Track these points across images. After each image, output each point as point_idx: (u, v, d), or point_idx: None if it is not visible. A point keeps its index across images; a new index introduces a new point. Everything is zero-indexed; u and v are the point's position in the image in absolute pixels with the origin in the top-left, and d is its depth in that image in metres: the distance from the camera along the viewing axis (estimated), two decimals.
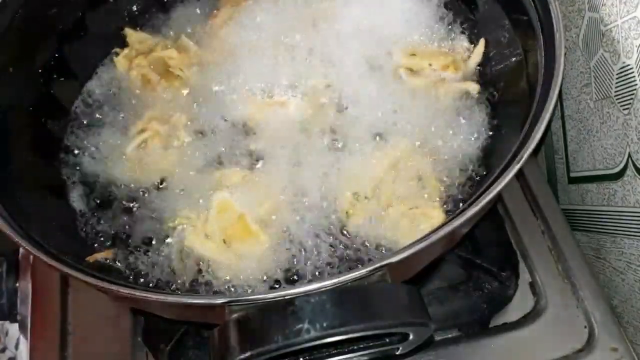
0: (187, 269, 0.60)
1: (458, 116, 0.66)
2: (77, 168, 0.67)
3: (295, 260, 0.60)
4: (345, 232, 0.61)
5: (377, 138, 0.65)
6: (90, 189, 0.66)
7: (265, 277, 0.59)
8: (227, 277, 0.59)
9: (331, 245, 0.60)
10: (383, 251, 0.60)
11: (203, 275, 0.59)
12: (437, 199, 0.62)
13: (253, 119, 0.68)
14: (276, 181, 0.63)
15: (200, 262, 0.59)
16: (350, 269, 0.59)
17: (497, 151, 0.63)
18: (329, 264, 0.60)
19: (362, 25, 0.72)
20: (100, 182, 0.66)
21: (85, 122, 0.70)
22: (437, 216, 0.60)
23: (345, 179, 0.63)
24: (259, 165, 0.65)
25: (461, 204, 0.61)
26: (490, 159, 0.64)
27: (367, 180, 0.62)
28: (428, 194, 0.62)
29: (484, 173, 0.63)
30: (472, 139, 0.65)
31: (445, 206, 0.62)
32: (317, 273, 0.59)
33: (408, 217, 0.60)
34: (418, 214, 0.60)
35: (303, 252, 0.60)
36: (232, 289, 0.58)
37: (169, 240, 0.61)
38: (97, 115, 0.70)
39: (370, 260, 0.60)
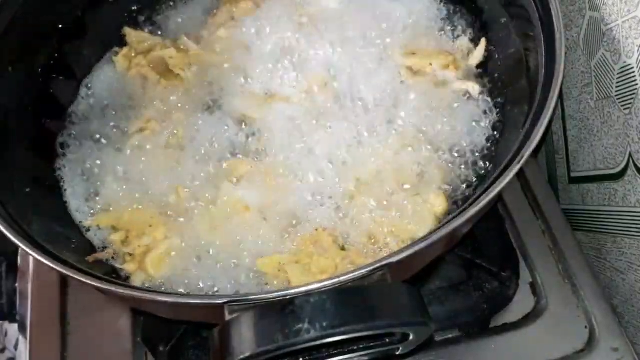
0: None
1: (458, 116, 0.66)
2: (77, 168, 0.67)
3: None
4: (348, 219, 0.61)
5: (379, 132, 0.65)
6: (89, 189, 0.66)
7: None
8: (237, 270, 0.59)
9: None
10: (386, 237, 0.60)
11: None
12: (440, 188, 0.62)
13: (254, 116, 0.68)
14: (279, 173, 0.63)
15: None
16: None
17: (498, 151, 0.63)
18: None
19: (362, 24, 0.72)
20: (100, 182, 0.66)
21: (84, 121, 0.70)
22: (440, 204, 0.60)
23: (349, 167, 0.63)
24: (261, 159, 0.65)
25: (462, 203, 0.61)
26: (490, 158, 0.64)
27: (370, 167, 0.63)
28: (431, 182, 0.62)
29: (485, 173, 0.63)
30: (473, 138, 0.65)
31: (448, 198, 0.62)
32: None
33: (411, 203, 0.60)
34: (421, 201, 0.60)
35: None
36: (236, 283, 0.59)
37: None
38: (97, 115, 0.70)
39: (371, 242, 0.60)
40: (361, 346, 0.48)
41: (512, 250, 0.73)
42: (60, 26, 0.70)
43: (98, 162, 0.67)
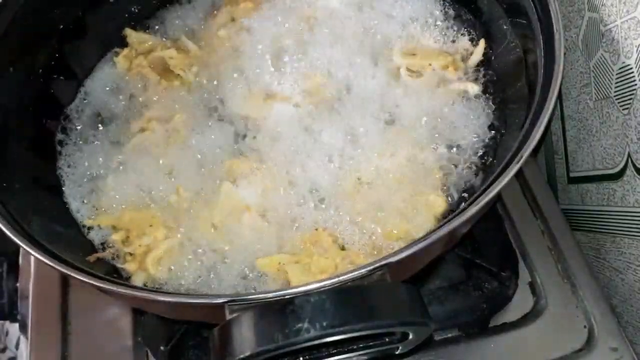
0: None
1: (458, 116, 0.66)
2: (77, 168, 0.67)
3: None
4: (348, 219, 0.61)
5: (379, 132, 0.65)
6: (89, 189, 0.66)
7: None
8: (237, 270, 0.59)
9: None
10: (385, 237, 0.60)
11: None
12: (440, 189, 0.62)
13: (254, 116, 0.68)
14: (280, 173, 0.64)
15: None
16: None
17: (497, 151, 0.64)
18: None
19: (362, 25, 0.72)
20: (100, 182, 0.66)
21: (84, 122, 0.70)
22: (439, 204, 0.60)
23: (349, 167, 0.63)
24: (261, 159, 0.65)
25: (461, 203, 0.61)
26: (489, 158, 0.64)
27: (370, 167, 0.63)
28: (430, 182, 0.62)
29: (483, 173, 0.63)
30: (472, 138, 0.65)
31: (447, 198, 0.62)
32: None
33: (411, 203, 0.61)
34: (421, 201, 0.60)
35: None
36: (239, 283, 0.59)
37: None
38: (97, 115, 0.70)
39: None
40: (361, 345, 0.48)
41: (511, 250, 0.73)
42: (61, 26, 0.70)
43: (98, 162, 0.67)
